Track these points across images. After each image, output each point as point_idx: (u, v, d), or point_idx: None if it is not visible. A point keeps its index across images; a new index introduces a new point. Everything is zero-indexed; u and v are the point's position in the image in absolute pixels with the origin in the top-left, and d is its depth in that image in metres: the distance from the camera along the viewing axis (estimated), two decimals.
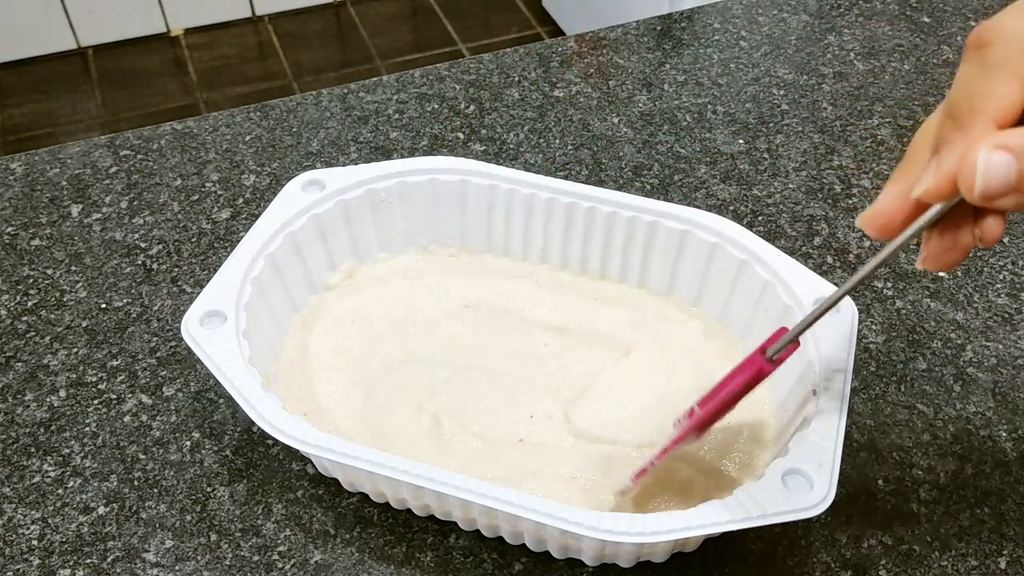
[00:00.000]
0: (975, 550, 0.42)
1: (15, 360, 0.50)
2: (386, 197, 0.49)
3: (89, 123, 1.79)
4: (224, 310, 0.42)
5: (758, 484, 0.35)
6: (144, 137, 0.64)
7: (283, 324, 0.47)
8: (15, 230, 0.58)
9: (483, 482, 0.36)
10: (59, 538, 0.43)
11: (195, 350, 0.40)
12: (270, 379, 0.44)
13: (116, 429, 0.47)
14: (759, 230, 0.57)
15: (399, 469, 0.37)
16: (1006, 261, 0.55)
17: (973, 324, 0.52)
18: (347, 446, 0.37)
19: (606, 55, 0.71)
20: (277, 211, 0.47)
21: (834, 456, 0.36)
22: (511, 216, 0.50)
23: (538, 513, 0.35)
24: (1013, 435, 0.46)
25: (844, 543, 0.42)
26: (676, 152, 0.63)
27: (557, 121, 0.65)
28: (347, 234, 0.49)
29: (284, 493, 0.44)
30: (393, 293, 0.50)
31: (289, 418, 0.38)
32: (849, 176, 0.61)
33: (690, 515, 0.35)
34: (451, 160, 0.49)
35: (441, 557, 0.42)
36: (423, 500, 0.41)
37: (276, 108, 0.67)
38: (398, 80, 0.69)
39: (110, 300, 0.53)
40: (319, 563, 0.42)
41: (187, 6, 1.97)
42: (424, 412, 0.44)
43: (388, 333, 0.48)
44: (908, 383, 0.49)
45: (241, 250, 0.45)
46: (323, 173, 0.49)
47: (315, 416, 0.44)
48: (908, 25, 0.74)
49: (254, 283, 0.44)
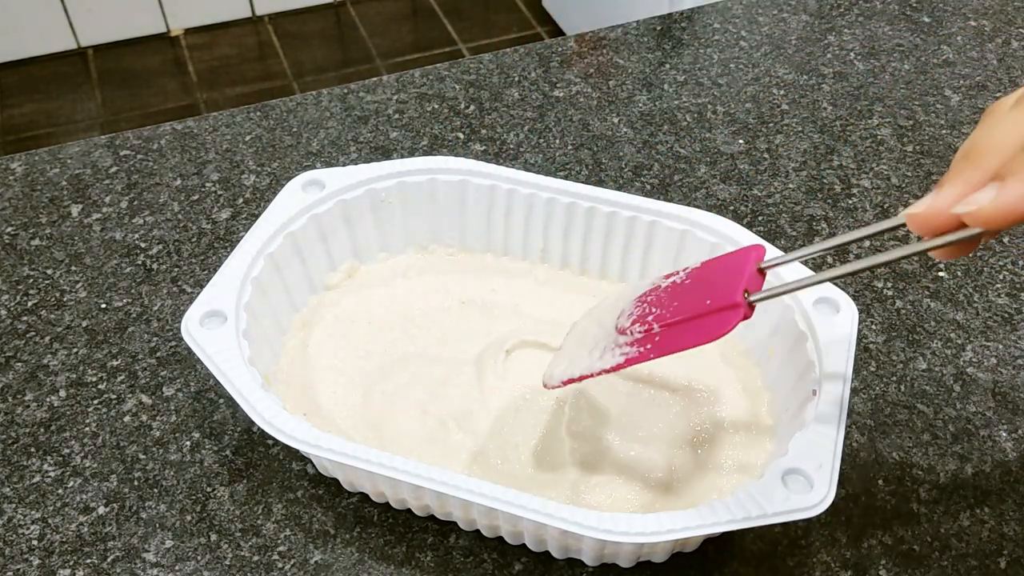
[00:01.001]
0: (975, 550, 0.42)
1: (15, 360, 0.50)
2: (386, 197, 0.49)
3: (89, 123, 1.79)
4: (224, 310, 0.42)
5: (758, 484, 0.35)
6: (144, 137, 0.64)
7: (283, 324, 0.47)
8: (15, 230, 0.58)
9: (483, 482, 0.36)
10: (59, 538, 0.43)
11: (195, 350, 0.40)
12: (270, 379, 0.44)
13: (116, 429, 0.47)
14: (759, 230, 0.57)
15: (399, 469, 0.37)
16: (1006, 261, 0.55)
17: (973, 324, 0.52)
18: (347, 446, 0.37)
19: (606, 55, 0.71)
20: (277, 211, 0.47)
21: (834, 456, 0.36)
22: (511, 216, 0.50)
23: (538, 513, 0.35)
24: (1013, 435, 0.46)
25: (844, 543, 0.42)
26: (676, 152, 0.63)
27: (557, 121, 0.65)
28: (347, 234, 0.49)
29: (284, 493, 0.44)
30: (393, 293, 0.50)
31: (289, 418, 0.38)
32: (849, 176, 0.61)
33: (690, 515, 0.35)
34: (451, 160, 0.49)
35: (441, 557, 0.42)
36: (423, 500, 0.41)
37: (276, 108, 0.67)
38: (398, 80, 0.69)
39: (110, 300, 0.53)
40: (319, 563, 0.42)
41: (187, 6, 1.97)
42: (424, 412, 0.44)
43: (388, 333, 0.48)
44: (908, 383, 0.49)
45: (241, 250, 0.45)
46: (323, 173, 0.49)
47: (315, 416, 0.44)
48: (908, 25, 0.74)
49: (254, 283, 0.44)
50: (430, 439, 0.43)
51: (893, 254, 0.31)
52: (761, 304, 0.45)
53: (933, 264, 0.55)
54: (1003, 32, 0.73)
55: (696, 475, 0.42)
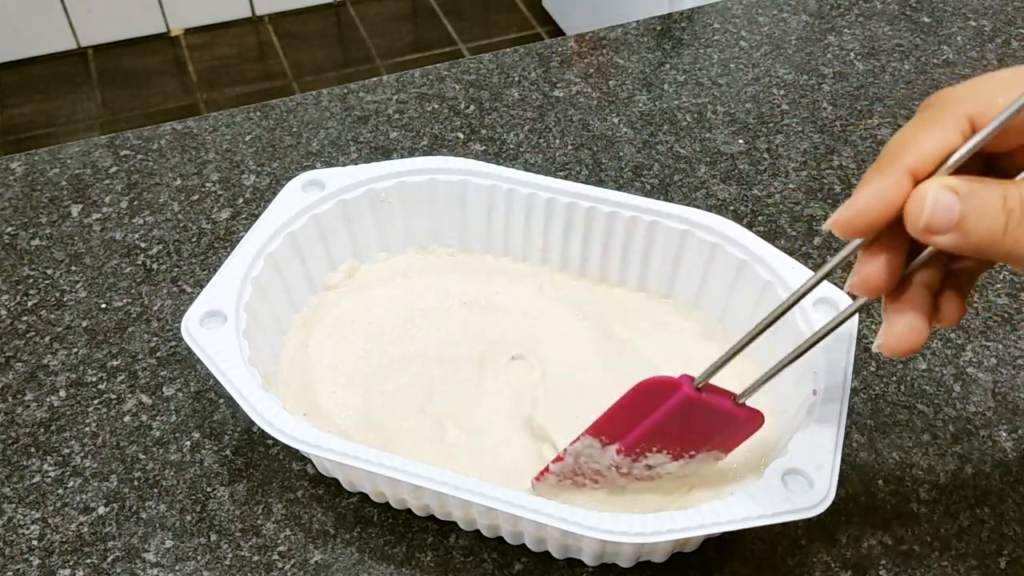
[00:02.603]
0: (975, 550, 0.42)
1: (15, 360, 0.50)
2: (386, 197, 0.49)
3: (89, 123, 1.79)
4: (224, 310, 0.42)
5: (758, 484, 0.35)
6: (144, 137, 0.64)
7: (283, 324, 0.47)
8: (15, 230, 0.58)
9: (483, 482, 0.36)
10: (59, 538, 0.43)
11: (195, 350, 0.40)
12: (270, 379, 0.44)
13: (116, 429, 0.47)
14: (759, 230, 0.57)
15: (399, 469, 0.37)
16: None
17: (973, 324, 0.52)
18: (347, 446, 0.37)
19: (606, 55, 0.71)
20: (277, 211, 0.47)
21: (834, 456, 0.36)
22: (511, 216, 0.50)
23: (538, 513, 0.35)
24: (1013, 435, 0.46)
25: (844, 543, 0.42)
26: (676, 152, 0.63)
27: (557, 121, 0.65)
28: (347, 234, 0.49)
29: (284, 493, 0.44)
30: (393, 293, 0.50)
31: (289, 418, 0.38)
32: (849, 176, 0.61)
33: (690, 515, 0.35)
34: (451, 160, 0.49)
35: (441, 557, 0.42)
36: (423, 500, 0.41)
37: (276, 108, 0.67)
38: (398, 80, 0.69)
39: (110, 300, 0.53)
40: (319, 563, 0.42)
41: (187, 6, 1.97)
42: (424, 412, 0.44)
43: (388, 333, 0.48)
44: (908, 383, 0.49)
45: (241, 250, 0.45)
46: (323, 173, 0.49)
47: (315, 416, 0.44)
48: (908, 25, 0.74)
49: (254, 283, 0.44)
50: (430, 439, 0.43)
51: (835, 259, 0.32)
52: (761, 305, 0.45)
53: None
54: (1003, 32, 0.73)
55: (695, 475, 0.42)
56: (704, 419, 0.38)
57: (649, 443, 0.39)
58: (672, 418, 0.38)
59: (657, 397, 0.37)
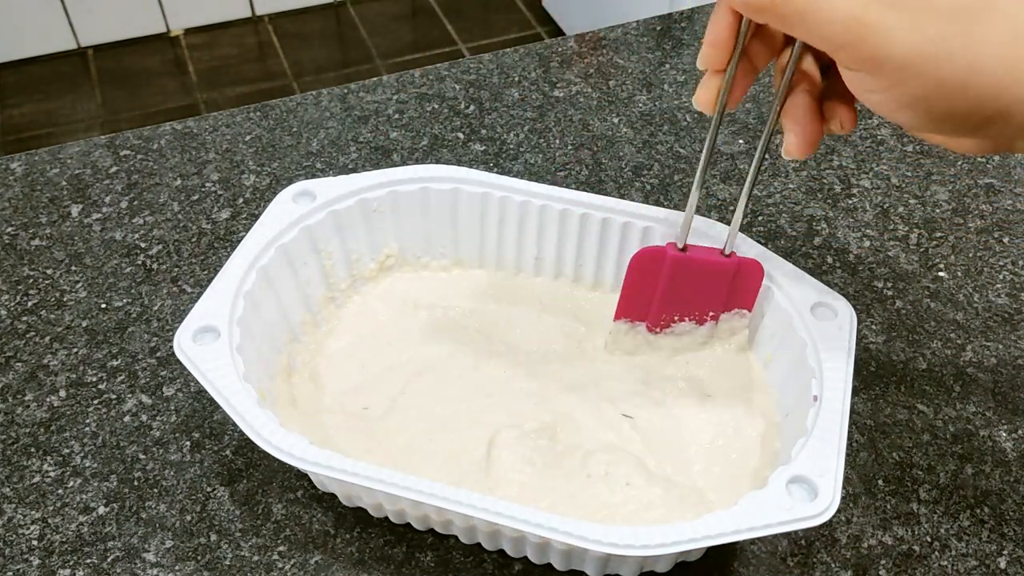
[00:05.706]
0: (975, 550, 0.42)
1: (15, 360, 0.50)
2: (378, 207, 0.49)
3: (89, 123, 1.79)
4: (217, 325, 0.41)
5: (762, 493, 0.35)
6: (144, 137, 0.64)
7: (277, 338, 0.46)
8: (15, 230, 0.58)
9: (485, 496, 0.36)
10: (59, 538, 0.43)
11: (189, 367, 0.40)
12: (265, 394, 0.43)
13: (116, 429, 0.47)
14: (759, 230, 0.57)
15: (399, 485, 0.36)
16: (1006, 261, 0.55)
17: (973, 324, 0.52)
18: (345, 462, 0.37)
19: (606, 55, 0.71)
20: (268, 223, 0.46)
21: (837, 463, 0.36)
22: (504, 224, 0.49)
23: (543, 528, 0.34)
24: (1013, 435, 0.46)
25: (844, 543, 0.42)
26: (676, 152, 0.63)
27: (557, 121, 0.65)
28: (339, 245, 0.49)
29: (284, 493, 0.44)
30: (388, 303, 0.50)
31: (286, 435, 0.37)
32: (849, 176, 0.61)
33: (696, 526, 0.34)
34: (443, 168, 0.49)
35: (441, 557, 0.42)
36: (422, 512, 0.40)
37: (276, 108, 0.67)
38: (398, 80, 0.69)
39: (110, 300, 0.53)
40: (319, 563, 0.42)
41: (187, 6, 1.97)
42: (422, 421, 0.44)
43: (382, 344, 0.48)
44: (908, 383, 0.49)
45: (232, 264, 0.44)
46: (314, 184, 0.48)
47: (311, 430, 0.44)
48: None
49: (246, 297, 0.43)
50: (428, 449, 0.43)
51: None
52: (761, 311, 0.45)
53: (933, 264, 0.55)
54: None
55: (700, 484, 0.42)
56: (703, 277, 0.43)
57: (669, 313, 0.44)
58: (674, 283, 0.43)
59: (652, 269, 0.43)
